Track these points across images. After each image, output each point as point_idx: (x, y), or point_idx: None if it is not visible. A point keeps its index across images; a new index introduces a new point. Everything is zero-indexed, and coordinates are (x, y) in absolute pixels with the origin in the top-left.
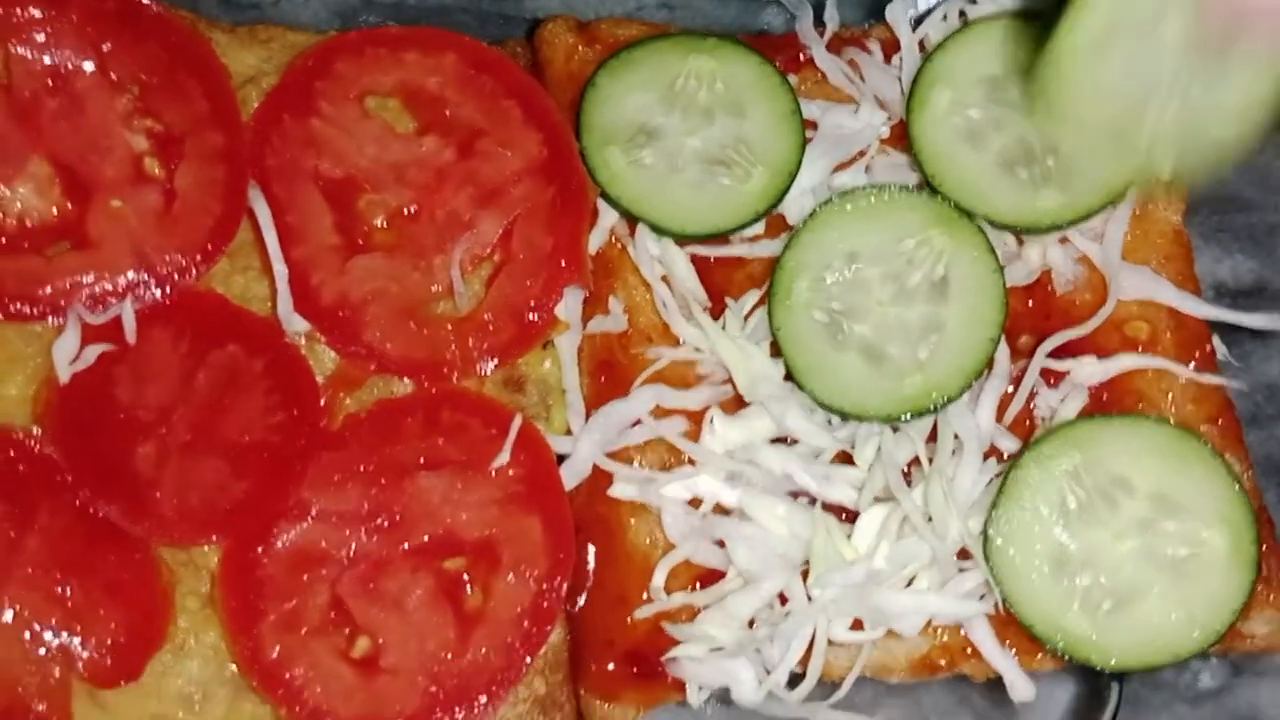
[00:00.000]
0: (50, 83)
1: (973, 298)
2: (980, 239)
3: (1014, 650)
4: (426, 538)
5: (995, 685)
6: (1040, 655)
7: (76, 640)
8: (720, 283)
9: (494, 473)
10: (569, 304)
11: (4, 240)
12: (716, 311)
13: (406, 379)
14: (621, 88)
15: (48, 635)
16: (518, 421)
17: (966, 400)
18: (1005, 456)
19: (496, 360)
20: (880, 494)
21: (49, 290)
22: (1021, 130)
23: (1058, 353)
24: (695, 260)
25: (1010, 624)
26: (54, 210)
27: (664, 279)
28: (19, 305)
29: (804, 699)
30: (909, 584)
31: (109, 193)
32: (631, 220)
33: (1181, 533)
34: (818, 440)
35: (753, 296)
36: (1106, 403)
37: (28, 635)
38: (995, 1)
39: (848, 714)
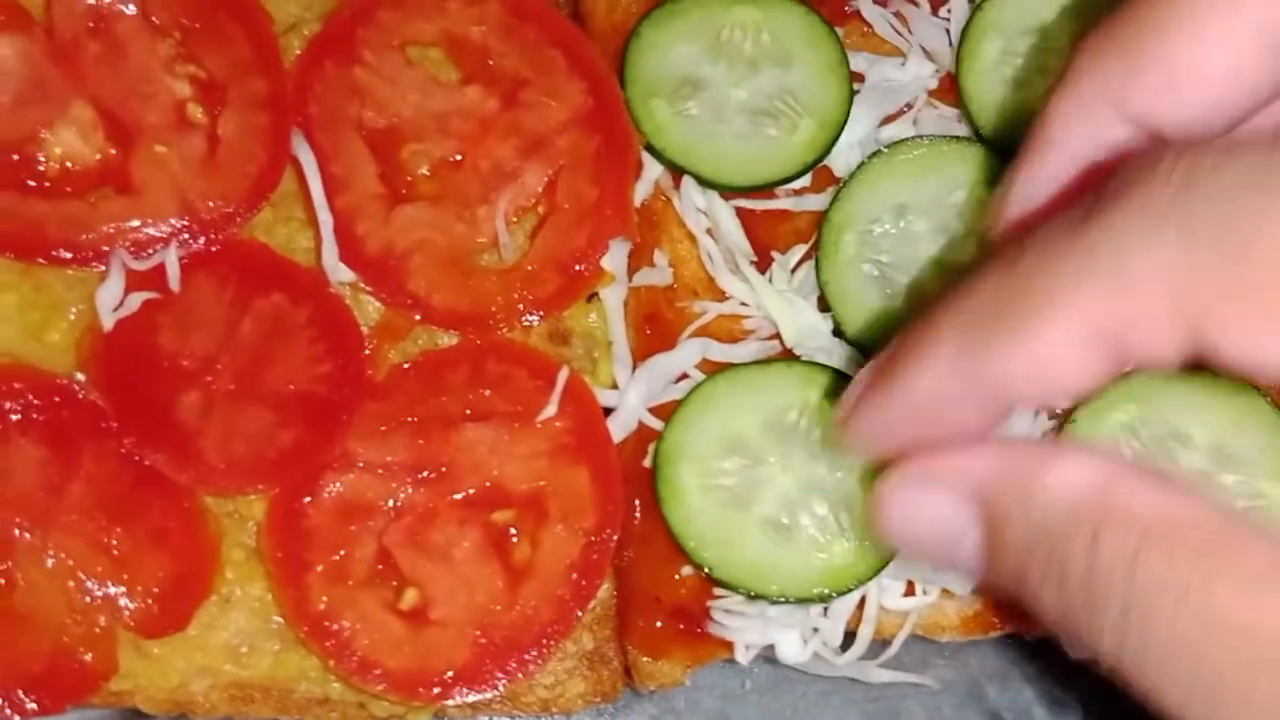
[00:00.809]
0: (92, 25)
1: None
2: None
3: None
4: (473, 490)
5: (1048, 647)
6: None
7: (122, 589)
8: (765, 237)
9: (541, 425)
10: (614, 256)
11: (47, 184)
12: (762, 266)
13: (451, 330)
14: (666, 38)
15: (92, 584)
16: (564, 374)
17: None
18: (1058, 412)
19: (542, 312)
20: None
21: (92, 236)
22: None
23: None
24: (740, 213)
25: None
26: (97, 155)
27: (709, 232)
28: (61, 251)
29: (846, 654)
30: None
31: (152, 138)
32: (677, 172)
33: (1240, 485)
34: None
35: (799, 251)
36: None
37: (72, 583)
38: None
39: (896, 672)
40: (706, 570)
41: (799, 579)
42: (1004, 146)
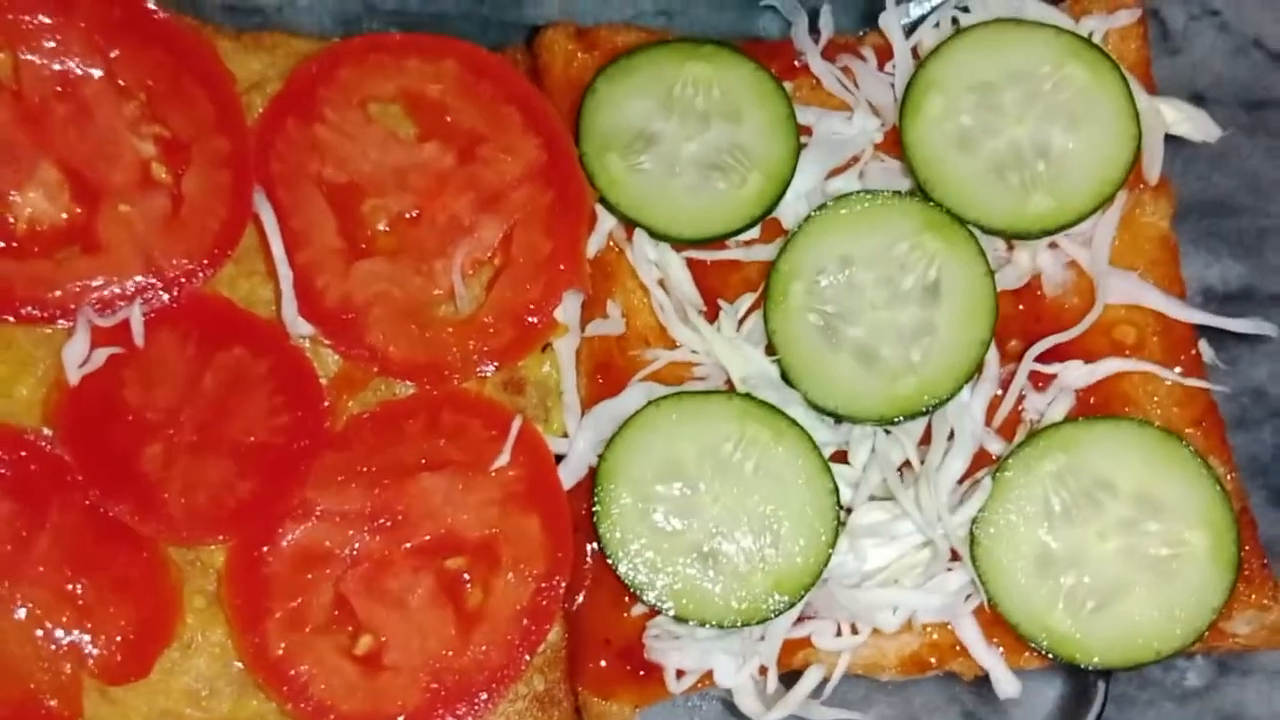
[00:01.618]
0: (59, 89)
1: (964, 301)
2: (972, 243)
3: (1001, 649)
4: (428, 537)
5: (985, 683)
6: (1027, 654)
7: (87, 637)
8: (716, 286)
9: (494, 473)
10: (568, 307)
11: (15, 244)
12: (712, 315)
13: (408, 381)
14: (620, 93)
15: (59, 633)
16: (518, 423)
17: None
18: (994, 459)
19: (497, 363)
20: (875, 492)
21: (58, 294)
22: (1012, 136)
23: (1046, 356)
24: (692, 264)
25: (998, 623)
26: (63, 215)
27: (660, 283)
28: (29, 309)
29: (788, 695)
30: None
31: (117, 198)
32: (629, 225)
33: (1164, 533)
34: (818, 434)
35: (747, 300)
36: (1093, 406)
37: (40, 632)
38: (986, 8)
39: (839, 710)
40: (637, 590)
41: (719, 607)
42: (945, 200)
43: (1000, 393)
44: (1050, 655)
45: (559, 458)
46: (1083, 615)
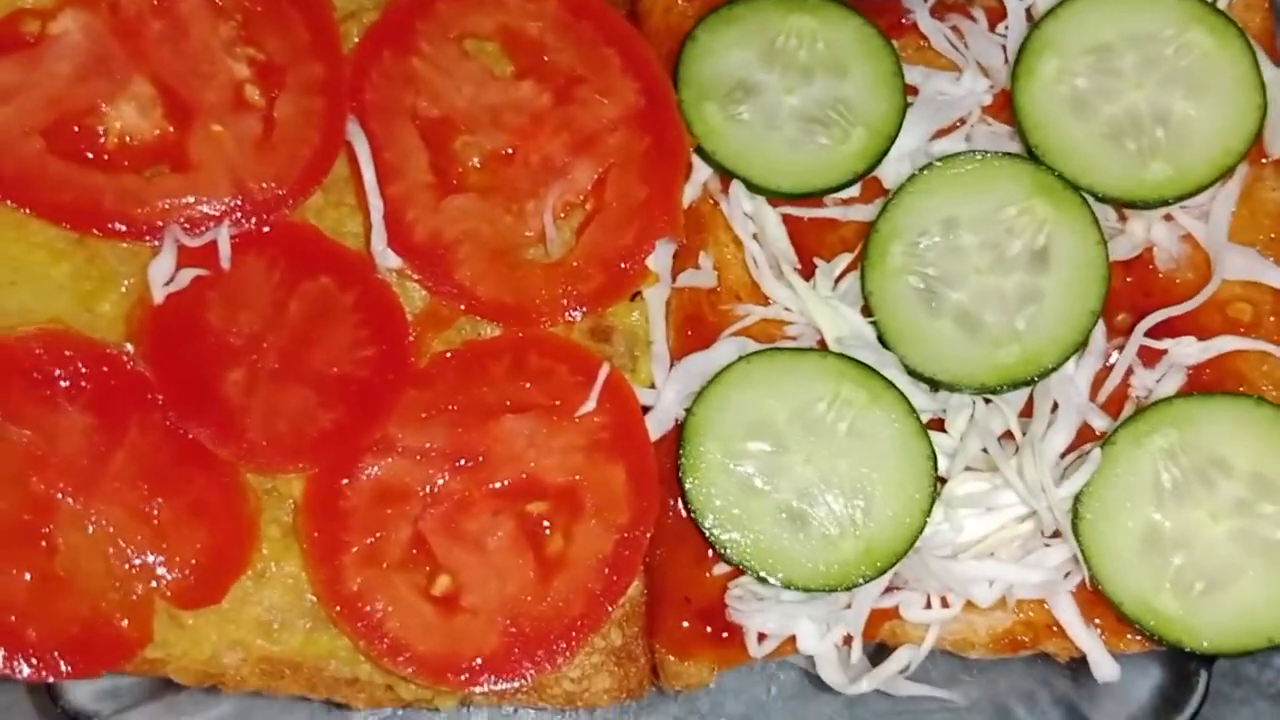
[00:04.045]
0: (155, 3)
1: (1074, 269)
2: (1084, 210)
3: (1100, 630)
4: (509, 480)
5: (1078, 667)
6: (1127, 636)
7: (161, 559)
8: (811, 245)
9: (579, 420)
10: (660, 256)
11: (105, 157)
12: (806, 273)
13: (494, 322)
14: (721, 43)
15: (132, 552)
16: (605, 370)
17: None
18: (1097, 435)
19: (585, 308)
20: (971, 463)
21: (147, 210)
22: (1130, 101)
23: (1156, 331)
24: (787, 220)
25: (1096, 604)
26: (155, 131)
27: (755, 237)
28: (116, 223)
29: (876, 670)
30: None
31: (209, 117)
32: (726, 176)
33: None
34: (914, 401)
35: (844, 260)
36: (1206, 383)
37: (112, 550)
38: None
39: (923, 686)
40: (720, 548)
41: (806, 569)
42: (1057, 165)
43: (1105, 367)
44: (1155, 638)
45: (645, 409)
46: (1191, 597)
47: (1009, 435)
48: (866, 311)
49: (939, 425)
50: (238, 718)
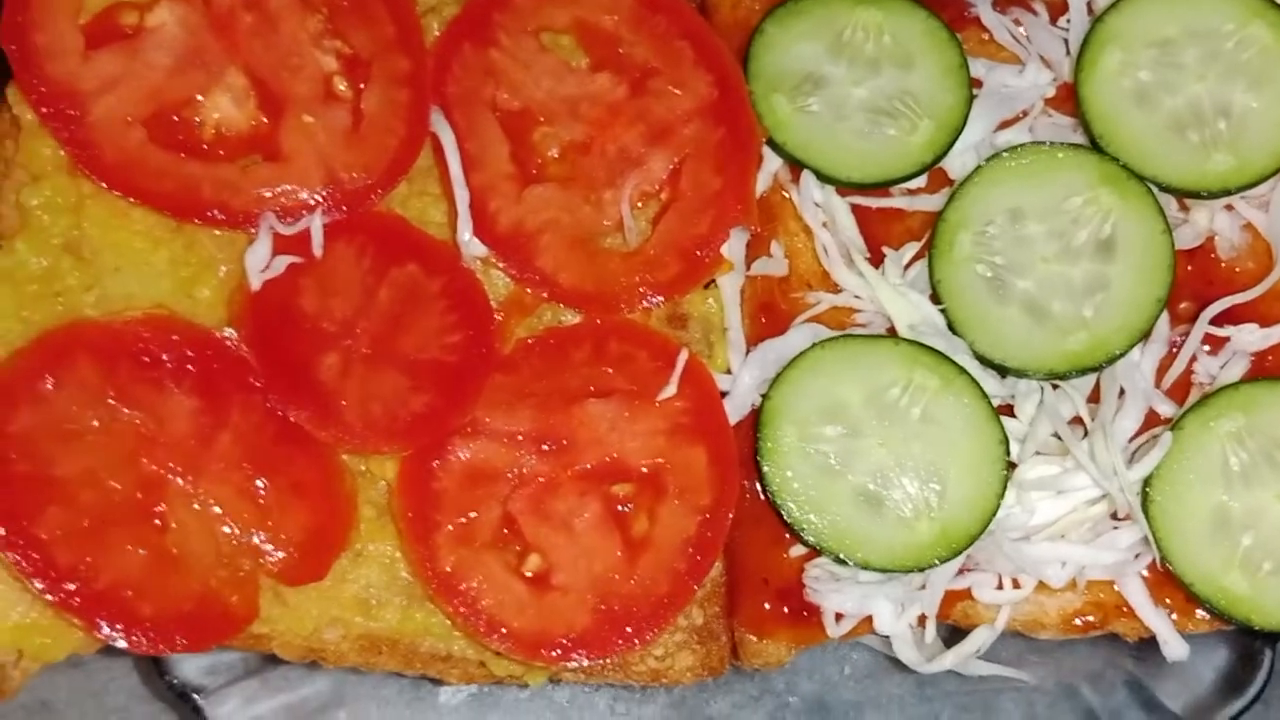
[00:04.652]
0: None
1: (1140, 257)
2: (1149, 199)
3: (1169, 610)
4: (593, 463)
5: (1146, 648)
6: (1196, 616)
7: (266, 537)
8: (878, 234)
9: (660, 404)
10: (734, 245)
11: (203, 147)
12: (875, 262)
13: (576, 309)
14: (789, 36)
15: (238, 530)
16: (684, 355)
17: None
18: (1163, 421)
19: (662, 296)
20: (1041, 448)
21: (243, 199)
22: (1192, 93)
23: (1219, 319)
24: (855, 210)
25: (1164, 585)
26: (249, 122)
27: (825, 226)
28: (214, 212)
29: (944, 649)
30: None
31: (300, 108)
32: (796, 166)
33: None
34: (986, 386)
35: (912, 248)
36: (1269, 369)
37: (220, 528)
38: None
39: (995, 665)
40: (798, 530)
41: (883, 550)
42: (1121, 156)
43: (1170, 353)
44: (1225, 617)
45: (721, 394)
46: (1260, 577)
47: (1077, 421)
48: (934, 300)
49: (1008, 411)
50: (331, 694)
